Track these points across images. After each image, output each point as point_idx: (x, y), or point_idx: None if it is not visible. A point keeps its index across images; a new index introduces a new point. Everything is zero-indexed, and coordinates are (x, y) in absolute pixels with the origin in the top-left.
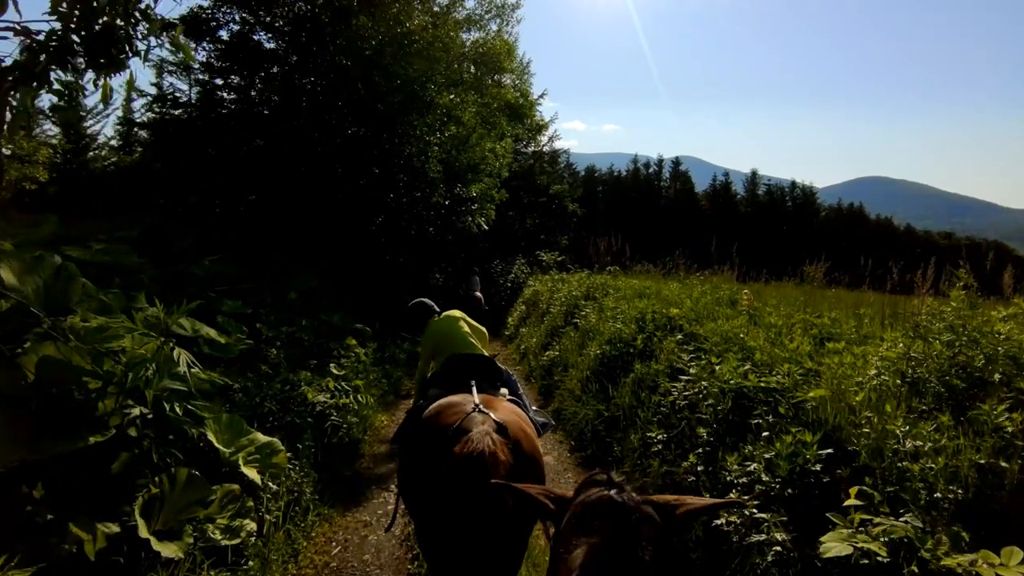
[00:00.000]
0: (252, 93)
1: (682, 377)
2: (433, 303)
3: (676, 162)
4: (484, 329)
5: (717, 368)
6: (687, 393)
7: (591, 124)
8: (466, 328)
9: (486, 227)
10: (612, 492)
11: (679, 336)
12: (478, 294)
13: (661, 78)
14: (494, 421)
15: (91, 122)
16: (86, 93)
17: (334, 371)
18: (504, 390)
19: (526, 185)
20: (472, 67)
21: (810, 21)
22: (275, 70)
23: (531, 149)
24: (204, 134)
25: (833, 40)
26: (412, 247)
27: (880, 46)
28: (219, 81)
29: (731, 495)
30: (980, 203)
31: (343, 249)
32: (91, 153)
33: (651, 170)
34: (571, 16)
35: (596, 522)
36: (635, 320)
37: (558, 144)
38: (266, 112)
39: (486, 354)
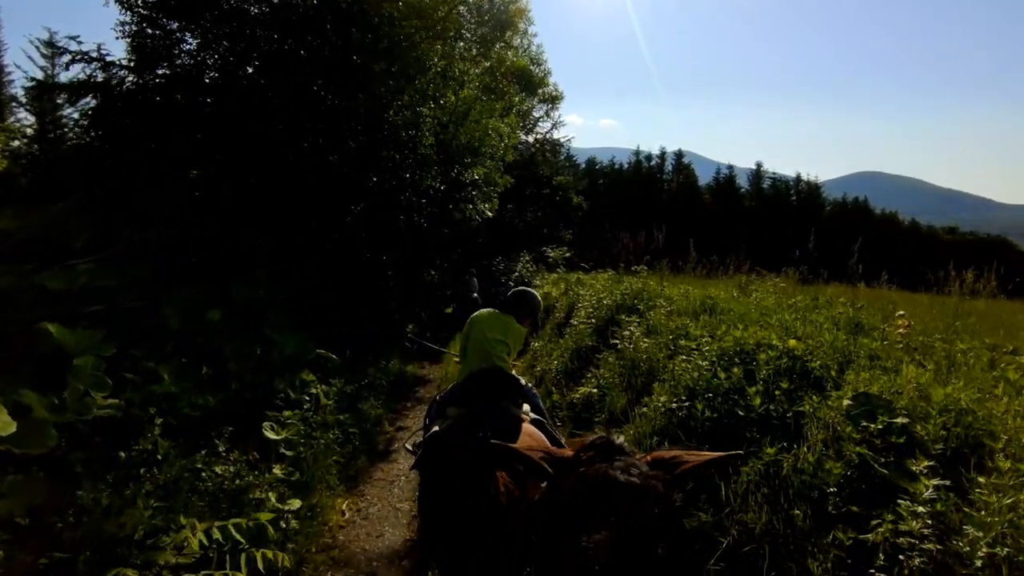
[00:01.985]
0: (194, 48)
1: (907, 504)
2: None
3: (679, 154)
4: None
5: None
6: (930, 545)
7: (588, 119)
8: (498, 335)
9: (490, 215)
10: (618, 471)
11: (845, 400)
12: (475, 295)
13: (658, 73)
14: None
15: (69, 109)
16: None
17: (270, 434)
18: (526, 406)
19: (527, 175)
20: (475, 25)
21: (807, 17)
22: (229, 27)
23: (532, 138)
24: (135, 100)
25: (827, 36)
26: (399, 241)
27: (874, 41)
28: (153, 32)
29: None
30: (974, 198)
31: (306, 245)
32: (70, 142)
33: (653, 163)
34: (568, 9)
35: (603, 506)
36: (731, 357)
37: (559, 133)
38: (213, 72)
39: (508, 367)
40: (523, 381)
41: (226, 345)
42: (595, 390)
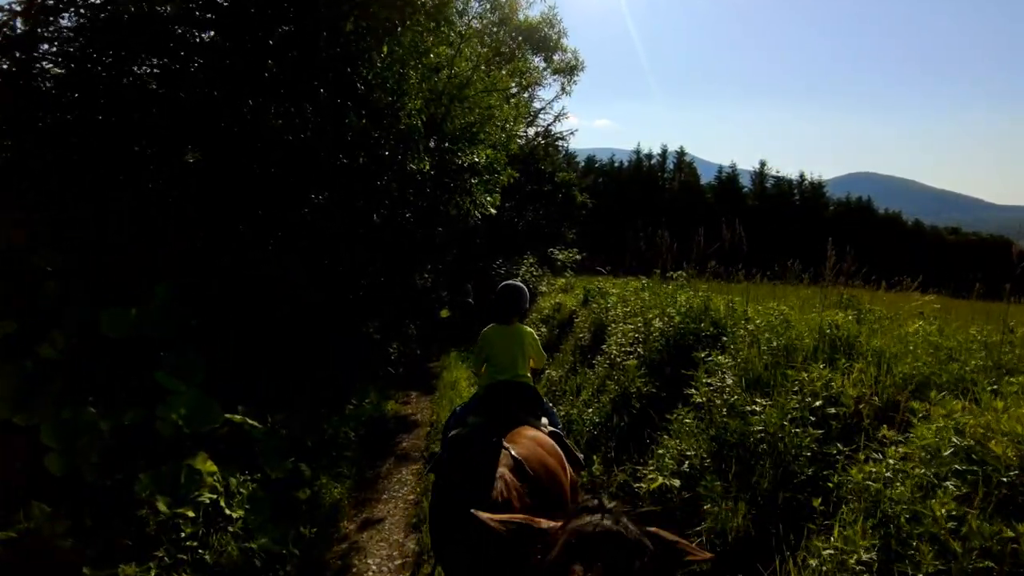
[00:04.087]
0: None
1: None
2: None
3: (680, 152)
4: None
5: None
6: None
7: (583, 119)
8: (516, 346)
9: (492, 211)
10: (608, 522)
11: None
12: (470, 300)
13: (653, 73)
14: (511, 458)
15: None
16: None
17: None
18: (544, 419)
19: (527, 171)
20: None
21: (803, 15)
22: None
23: (532, 131)
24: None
25: (821, 35)
26: (376, 235)
27: (867, 42)
28: None
29: None
30: (968, 199)
31: (245, 248)
32: None
33: (654, 161)
34: (563, 7)
35: (594, 555)
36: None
37: (560, 126)
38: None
39: (529, 379)
40: (544, 399)
41: (50, 420)
42: (676, 481)
